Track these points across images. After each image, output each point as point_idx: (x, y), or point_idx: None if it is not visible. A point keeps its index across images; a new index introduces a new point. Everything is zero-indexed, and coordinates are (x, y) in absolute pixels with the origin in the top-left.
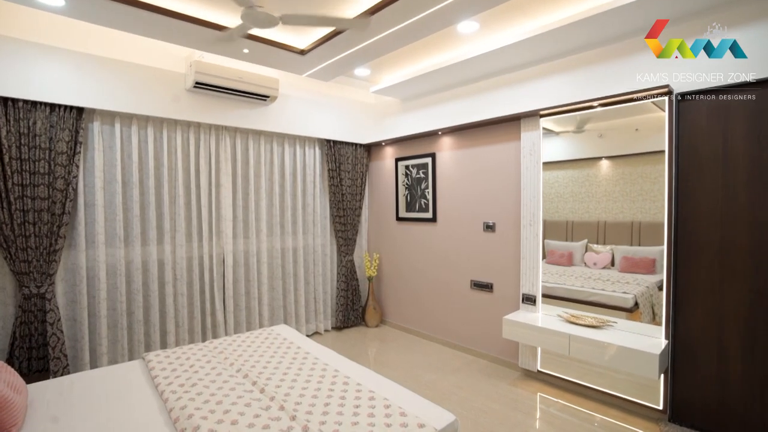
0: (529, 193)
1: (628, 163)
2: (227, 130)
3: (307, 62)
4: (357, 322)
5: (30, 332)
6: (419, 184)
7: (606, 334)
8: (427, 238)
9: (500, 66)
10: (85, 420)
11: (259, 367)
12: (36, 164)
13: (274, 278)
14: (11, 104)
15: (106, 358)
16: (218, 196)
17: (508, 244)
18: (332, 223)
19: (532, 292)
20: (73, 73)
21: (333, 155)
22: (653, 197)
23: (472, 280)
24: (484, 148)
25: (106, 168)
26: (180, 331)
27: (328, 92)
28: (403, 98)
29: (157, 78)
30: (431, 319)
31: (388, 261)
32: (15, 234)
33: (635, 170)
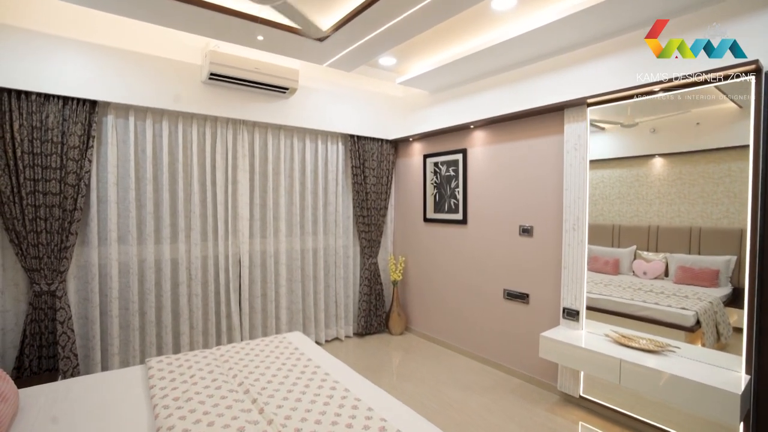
0: (573, 194)
1: (686, 162)
2: (245, 125)
3: (327, 50)
4: (380, 329)
5: (40, 330)
6: (449, 182)
7: (667, 362)
8: (456, 241)
9: (541, 49)
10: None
11: (263, 381)
12: (48, 159)
13: (292, 280)
14: (24, 97)
15: (118, 358)
16: (235, 193)
17: (548, 250)
18: (355, 223)
19: (575, 306)
20: (86, 65)
21: (357, 151)
22: (717, 199)
23: (506, 289)
24: (521, 143)
25: (120, 163)
26: (194, 333)
27: (351, 85)
28: (432, 90)
29: (172, 70)
30: (459, 330)
31: (415, 265)
32: (26, 230)
33: (695, 169)
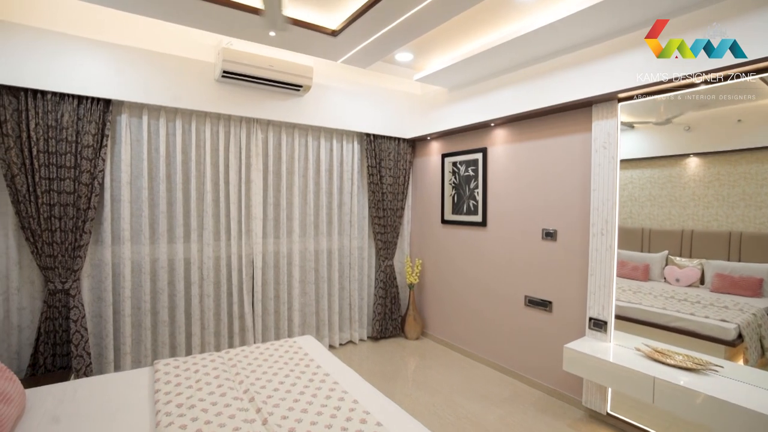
0: (602, 196)
1: (726, 162)
2: (259, 123)
3: (341, 45)
4: (395, 333)
5: (54, 328)
6: (468, 183)
7: (709, 383)
8: (475, 244)
9: (567, 40)
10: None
11: (269, 389)
12: (63, 158)
13: (306, 282)
14: (40, 96)
15: (130, 358)
16: (248, 192)
17: (573, 255)
18: (371, 224)
19: (602, 316)
20: (100, 63)
21: (373, 150)
22: (761, 202)
23: (527, 295)
24: (544, 142)
25: (134, 162)
26: (206, 334)
27: (368, 82)
28: (451, 86)
29: (185, 68)
30: (478, 337)
31: (432, 268)
32: (41, 228)
33: (735, 170)
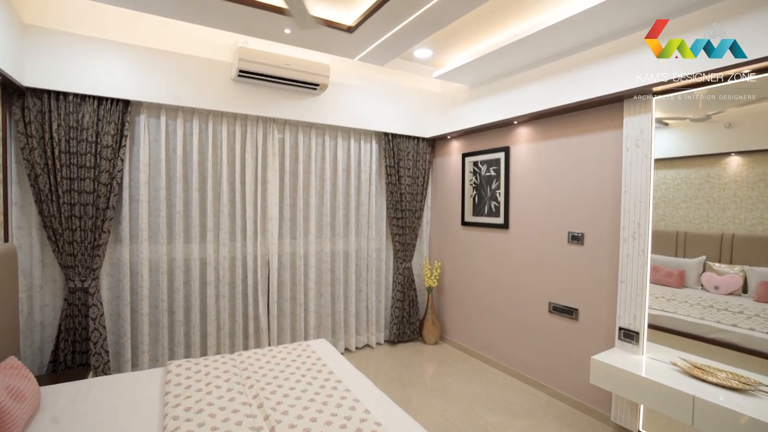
0: (634, 197)
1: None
2: (275, 123)
3: (357, 42)
4: (413, 337)
5: (74, 326)
6: (489, 183)
7: (759, 406)
8: (496, 247)
9: (596, 32)
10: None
11: (279, 395)
12: (83, 158)
13: (322, 283)
14: (62, 98)
15: (147, 356)
16: (264, 193)
17: (601, 260)
18: (389, 225)
19: (633, 326)
20: (120, 65)
21: (391, 150)
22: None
23: (551, 302)
24: (571, 140)
25: (152, 162)
26: (221, 335)
27: (386, 80)
28: (472, 83)
29: (203, 68)
30: (498, 343)
31: (451, 271)
32: (62, 227)
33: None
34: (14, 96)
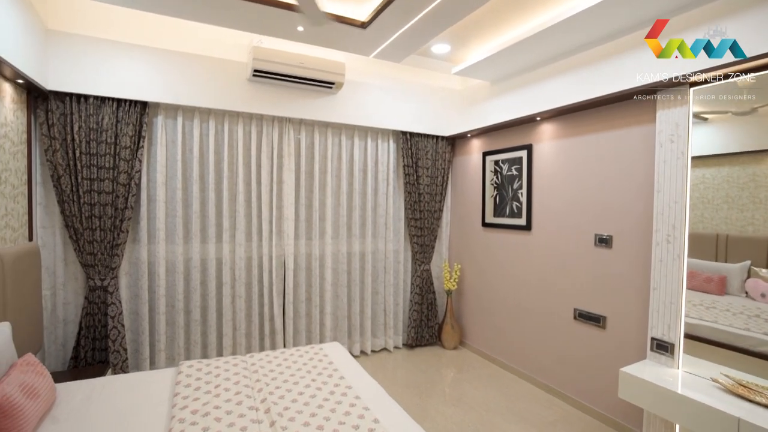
0: (668, 197)
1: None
2: (291, 122)
3: (372, 38)
4: (432, 341)
5: (94, 323)
6: (511, 183)
7: None
8: (518, 249)
9: (626, 20)
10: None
11: (287, 400)
12: (102, 159)
13: (338, 285)
14: (83, 100)
15: (164, 355)
16: (280, 193)
17: (631, 265)
18: (407, 226)
19: (667, 337)
20: (138, 67)
21: (409, 149)
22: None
23: (577, 308)
24: (598, 137)
25: (169, 163)
26: (237, 335)
27: (403, 77)
28: (493, 79)
29: (219, 69)
30: (520, 350)
31: (471, 273)
32: (83, 227)
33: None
34: (39, 99)
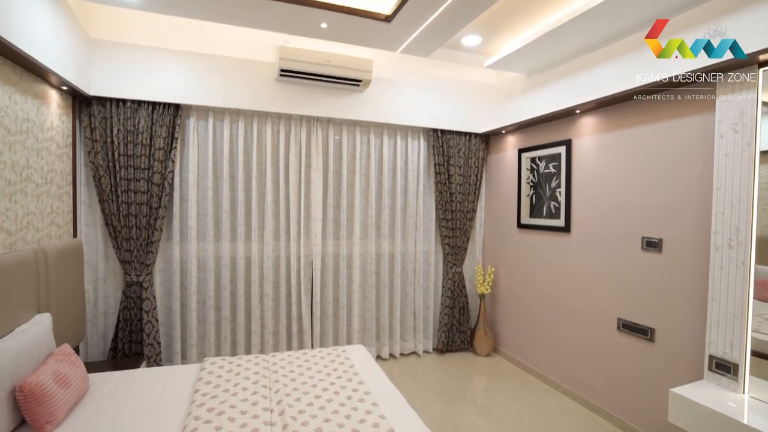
0: (730, 195)
1: None
2: (319, 122)
3: (397, 32)
4: (463, 347)
5: (130, 317)
6: (548, 181)
7: None
8: (556, 252)
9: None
10: (107, 427)
11: (303, 403)
12: (138, 160)
13: (366, 286)
14: (122, 104)
15: (195, 350)
16: (308, 193)
17: (684, 272)
18: (438, 227)
19: (729, 356)
20: (172, 71)
21: (441, 147)
22: None
23: (621, 318)
24: (645, 129)
25: (200, 163)
26: (265, 333)
27: (433, 73)
28: (529, 71)
29: (247, 70)
30: (558, 361)
31: (506, 277)
32: (120, 225)
33: None
34: (82, 104)
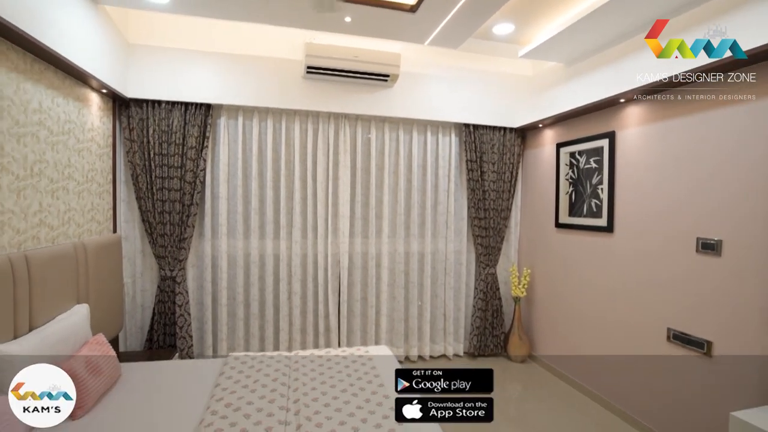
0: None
1: None
2: (347, 118)
3: (423, 23)
4: (497, 352)
5: (165, 310)
6: (589, 177)
7: None
8: (598, 254)
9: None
10: (132, 415)
11: (320, 403)
12: (171, 158)
13: (395, 286)
14: (157, 105)
15: (225, 344)
16: (336, 190)
17: (748, 278)
18: (470, 226)
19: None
20: (204, 72)
21: (473, 143)
22: None
23: (671, 328)
24: (702, 116)
25: (230, 161)
26: (293, 331)
27: (465, 65)
28: (568, 59)
29: (275, 68)
30: (599, 371)
31: (543, 279)
32: (155, 221)
33: None
34: (122, 106)
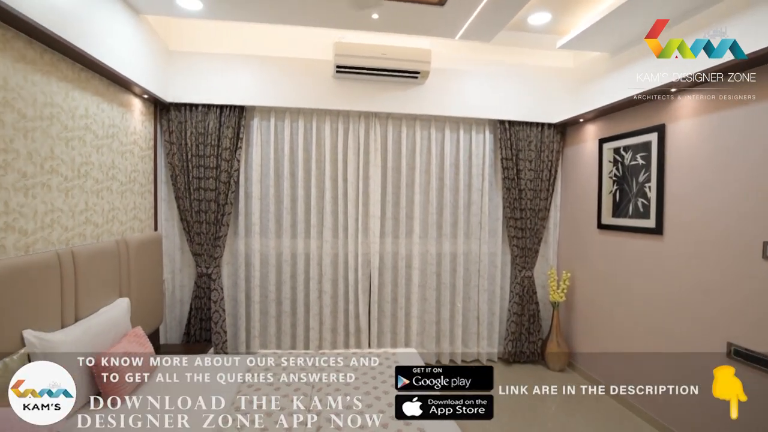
0: None
1: None
2: (378, 117)
3: (453, 17)
4: (533, 359)
5: (201, 306)
6: (635, 175)
7: None
8: (645, 257)
9: None
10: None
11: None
12: (207, 159)
13: (426, 287)
14: (194, 109)
15: (258, 341)
16: (366, 190)
17: None
18: (505, 226)
19: None
20: (238, 74)
21: (508, 140)
22: None
23: (733, 344)
24: (766, 104)
25: (263, 161)
26: (323, 330)
27: (499, 59)
28: (613, 48)
29: (305, 69)
30: (646, 385)
31: (584, 283)
32: (193, 220)
33: None
34: (162, 111)
